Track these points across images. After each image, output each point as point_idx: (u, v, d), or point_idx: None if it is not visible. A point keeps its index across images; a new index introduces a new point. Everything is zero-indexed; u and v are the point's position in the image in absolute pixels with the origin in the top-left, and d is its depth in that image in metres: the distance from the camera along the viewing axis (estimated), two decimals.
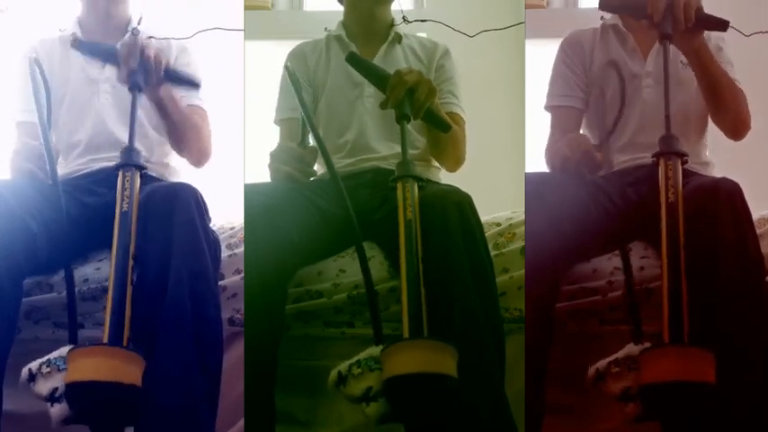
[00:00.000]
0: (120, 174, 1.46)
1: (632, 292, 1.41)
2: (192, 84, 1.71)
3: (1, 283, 1.42)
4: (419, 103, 1.48)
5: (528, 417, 1.40)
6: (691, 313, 1.28)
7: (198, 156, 1.86)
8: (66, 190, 1.67)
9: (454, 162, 1.82)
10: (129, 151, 1.48)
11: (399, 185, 1.39)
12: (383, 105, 1.51)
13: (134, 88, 1.56)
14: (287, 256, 1.50)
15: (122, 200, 1.43)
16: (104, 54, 1.63)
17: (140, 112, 1.80)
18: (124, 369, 1.25)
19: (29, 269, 1.51)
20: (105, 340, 1.29)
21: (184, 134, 1.79)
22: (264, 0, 2.57)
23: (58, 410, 1.25)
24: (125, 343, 1.30)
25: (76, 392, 1.24)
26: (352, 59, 1.57)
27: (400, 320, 1.25)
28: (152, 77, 1.58)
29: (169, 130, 1.78)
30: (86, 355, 1.25)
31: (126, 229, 1.40)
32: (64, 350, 1.30)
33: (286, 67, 1.43)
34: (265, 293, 1.41)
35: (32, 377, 1.28)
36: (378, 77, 1.53)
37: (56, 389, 1.26)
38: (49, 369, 1.28)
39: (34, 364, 1.29)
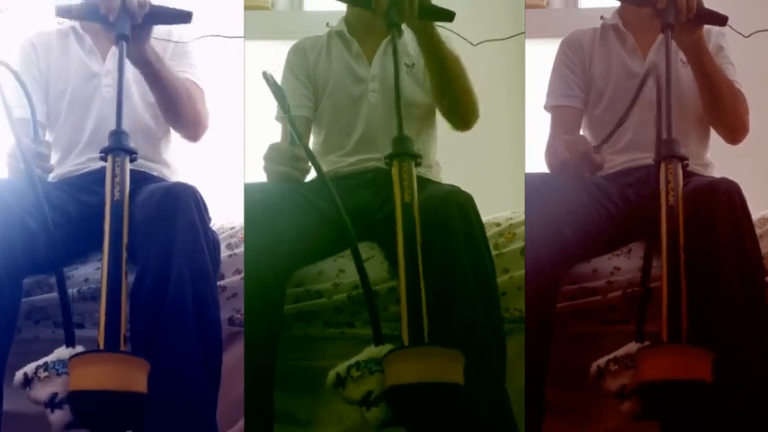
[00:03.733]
0: (110, 159, 1.35)
1: (647, 291, 1.40)
2: (182, 16, 1.52)
3: (0, 282, 1.42)
4: None
5: (528, 417, 1.40)
6: (690, 313, 1.28)
7: (194, 126, 1.76)
8: (65, 189, 1.68)
9: (472, 110, 1.71)
10: (117, 134, 1.36)
11: (395, 164, 1.32)
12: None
13: (121, 39, 1.42)
14: (286, 256, 1.50)
15: (113, 187, 1.32)
16: (87, 12, 1.50)
17: (140, 108, 1.78)
18: (131, 376, 1.21)
19: (28, 268, 1.51)
20: (101, 341, 1.25)
21: (178, 101, 1.67)
22: (264, 0, 2.56)
23: (59, 416, 1.21)
24: (122, 343, 1.26)
25: (82, 401, 1.20)
26: None
27: (400, 320, 1.24)
28: (137, 18, 1.45)
29: (161, 96, 1.67)
30: (90, 362, 1.20)
31: (118, 222, 1.30)
32: (60, 353, 1.26)
33: (264, 74, 1.38)
34: (265, 293, 1.41)
35: (28, 381, 1.23)
36: None
37: (55, 394, 1.21)
38: (47, 373, 1.22)
39: (29, 368, 1.24)
